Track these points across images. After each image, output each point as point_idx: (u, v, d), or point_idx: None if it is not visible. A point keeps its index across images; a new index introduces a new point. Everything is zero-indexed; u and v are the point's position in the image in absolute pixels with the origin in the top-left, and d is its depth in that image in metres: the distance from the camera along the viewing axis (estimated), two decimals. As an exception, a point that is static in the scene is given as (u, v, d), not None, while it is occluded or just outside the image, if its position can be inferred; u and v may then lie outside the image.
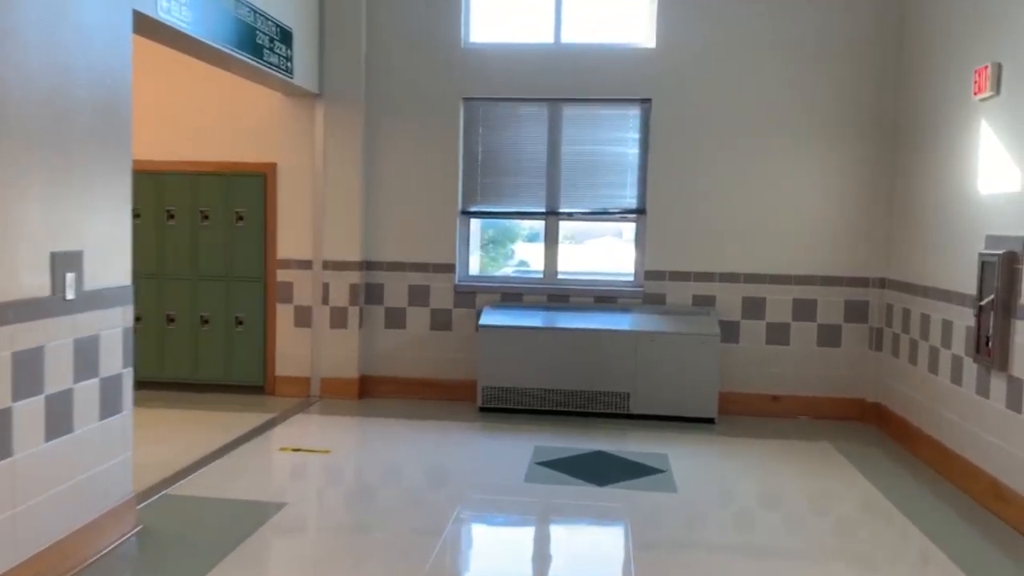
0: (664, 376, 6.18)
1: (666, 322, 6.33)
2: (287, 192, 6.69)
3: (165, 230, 6.74)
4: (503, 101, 6.68)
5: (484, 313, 6.49)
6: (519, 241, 7.70)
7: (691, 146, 6.49)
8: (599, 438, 5.71)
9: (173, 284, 6.75)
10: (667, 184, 6.52)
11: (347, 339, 6.68)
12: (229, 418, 5.99)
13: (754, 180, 6.46)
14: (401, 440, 5.62)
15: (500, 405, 6.31)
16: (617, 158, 6.63)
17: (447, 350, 6.74)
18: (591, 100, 6.61)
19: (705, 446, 5.67)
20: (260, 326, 6.73)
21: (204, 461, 4.92)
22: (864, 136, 6.34)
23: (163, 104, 6.71)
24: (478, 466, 5.15)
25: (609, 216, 6.73)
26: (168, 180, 6.72)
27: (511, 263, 7.65)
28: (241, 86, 6.41)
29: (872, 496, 4.73)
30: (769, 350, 6.52)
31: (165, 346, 6.78)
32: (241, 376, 6.76)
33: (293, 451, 5.20)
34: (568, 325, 6.33)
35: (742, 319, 6.53)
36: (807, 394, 6.50)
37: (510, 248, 7.82)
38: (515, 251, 7.80)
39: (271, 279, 6.72)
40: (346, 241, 6.66)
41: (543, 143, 6.66)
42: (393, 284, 6.79)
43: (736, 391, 6.50)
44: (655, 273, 6.59)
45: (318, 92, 6.57)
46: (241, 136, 6.69)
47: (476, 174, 6.75)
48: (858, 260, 6.42)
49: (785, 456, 5.46)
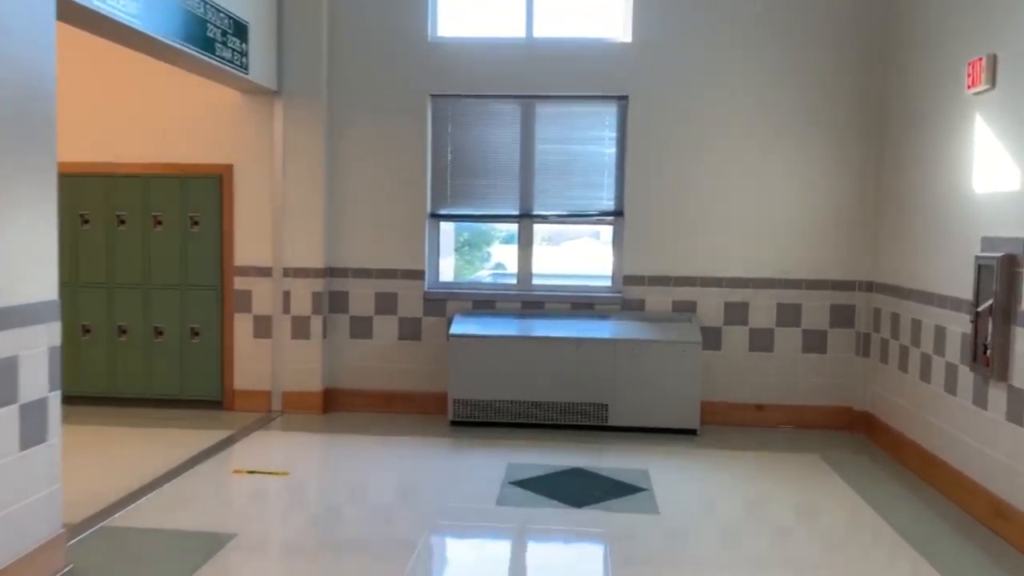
0: (644, 386, 5.89)
1: (645, 329, 6.04)
2: (245, 195, 6.33)
3: (115, 236, 6.35)
4: (473, 98, 6.35)
5: (455, 321, 6.16)
6: (495, 244, 7.43)
7: (670, 145, 6.21)
8: (576, 453, 5.40)
9: (124, 293, 6.36)
10: (645, 185, 6.23)
11: (310, 350, 6.33)
12: (182, 437, 5.62)
13: (736, 180, 6.19)
14: (366, 459, 5.27)
15: (472, 419, 5.99)
16: (593, 158, 6.33)
17: (416, 361, 6.40)
18: (565, 97, 6.30)
19: (688, 460, 5.38)
20: (217, 337, 6.36)
21: (150, 487, 4.55)
22: (851, 134, 6.09)
23: (112, 102, 6.32)
24: (447, 488, 4.81)
25: (585, 219, 6.43)
26: (118, 183, 6.33)
27: (488, 266, 7.39)
28: (196, 83, 6.04)
29: (863, 512, 4.46)
30: (752, 357, 6.25)
31: (116, 360, 6.38)
32: (197, 391, 6.38)
33: (248, 473, 4.85)
34: (543, 333, 6.01)
35: (724, 325, 6.25)
36: (792, 402, 6.24)
37: (486, 251, 7.56)
38: (491, 254, 7.54)
39: (228, 287, 6.35)
40: (308, 246, 6.30)
41: (516, 142, 6.35)
42: (359, 292, 6.44)
43: (719, 400, 6.22)
44: (634, 278, 6.30)
45: (277, 89, 6.21)
46: (196, 136, 6.32)
47: (445, 175, 6.42)
48: (844, 262, 6.17)
49: (772, 469, 5.18)
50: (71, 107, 6.33)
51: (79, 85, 6.33)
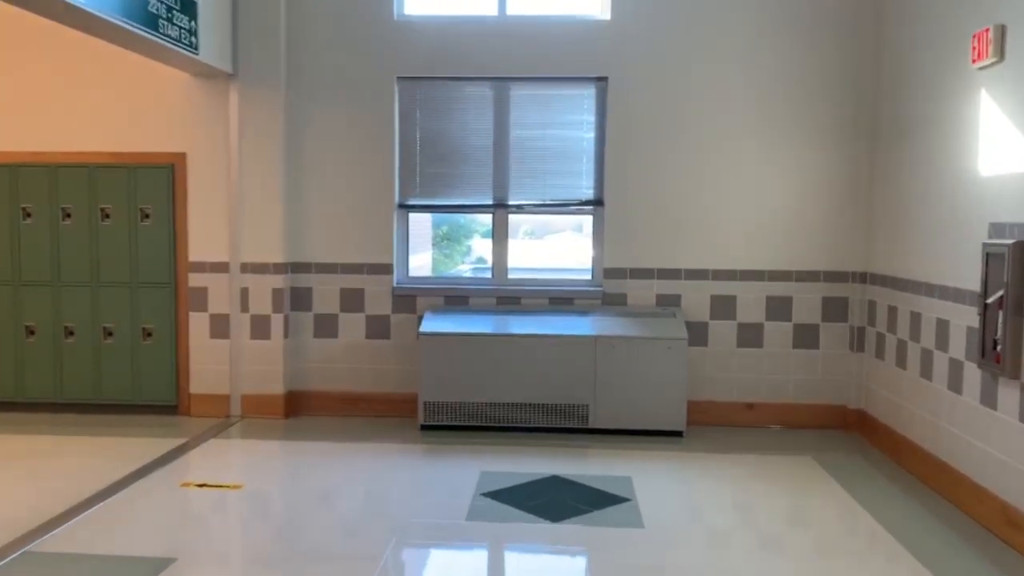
0: (626, 386, 5.53)
1: (627, 325, 5.68)
2: (199, 186, 5.90)
3: (60, 231, 5.91)
4: (443, 81, 5.96)
5: (425, 319, 5.78)
6: (476, 237, 7.07)
7: (653, 129, 5.84)
8: (554, 459, 5.04)
9: (70, 292, 5.93)
10: (627, 172, 5.87)
11: (271, 351, 5.92)
12: (131, 446, 5.21)
13: (722, 166, 5.83)
14: (328, 469, 4.88)
15: (444, 422, 5.61)
16: (571, 144, 5.95)
17: (385, 361, 6.01)
18: (541, 79, 5.92)
19: (674, 465, 5.02)
20: (171, 338, 5.94)
21: (86, 504, 4.14)
22: (845, 114, 5.74)
23: (55, 87, 5.88)
24: (414, 501, 4.43)
25: (564, 208, 6.05)
26: (62, 174, 5.89)
27: (468, 260, 7.03)
28: (145, 66, 5.63)
29: (861, 519, 4.14)
30: (741, 354, 5.90)
31: (63, 363, 5.95)
32: (151, 395, 5.96)
33: (198, 487, 4.45)
34: (519, 331, 5.64)
35: (711, 320, 5.90)
36: (783, 401, 5.90)
37: (466, 245, 7.20)
38: (472, 248, 7.19)
39: (182, 284, 5.93)
40: (267, 240, 5.89)
41: (489, 127, 5.96)
42: (323, 288, 6.04)
43: (706, 400, 5.88)
44: (615, 271, 5.93)
45: (231, 72, 5.79)
46: (145, 123, 5.89)
47: (414, 163, 6.02)
48: (837, 253, 5.83)
49: (764, 474, 4.84)
50: (10, 93, 5.91)
51: (18, 69, 5.89)
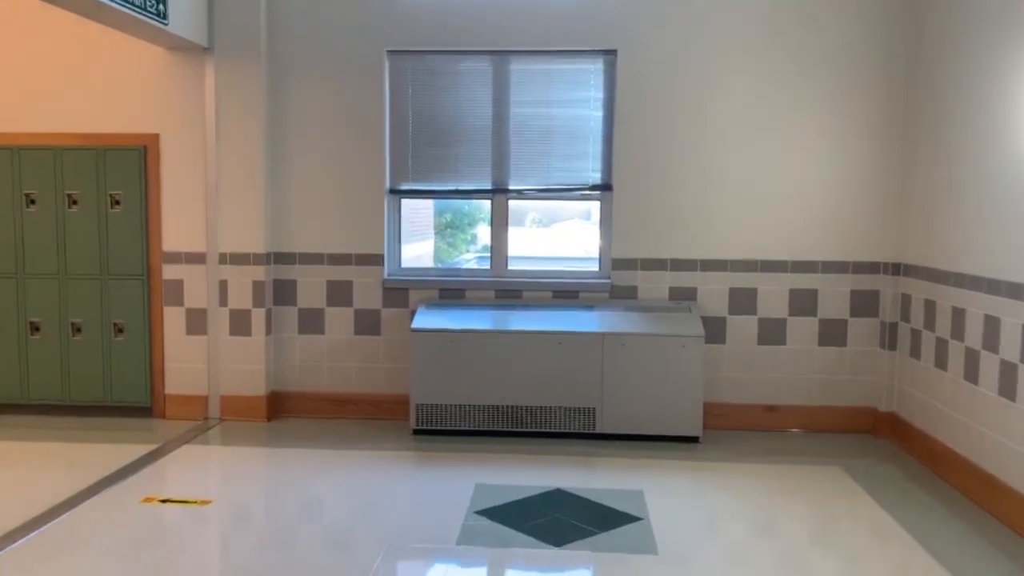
0: (637, 387, 5.06)
1: (638, 321, 5.20)
2: (173, 169, 5.44)
3: (24, 218, 5.47)
4: (437, 54, 5.47)
5: (418, 314, 5.31)
6: (481, 224, 6.65)
7: (667, 107, 5.35)
8: (557, 469, 4.58)
9: (36, 284, 5.49)
10: (638, 154, 5.38)
11: (252, 348, 5.47)
12: (95, 453, 4.78)
13: (742, 147, 5.34)
14: (308, 481, 4.43)
15: (438, 426, 5.15)
16: (577, 123, 5.46)
17: (375, 359, 5.56)
18: (544, 52, 5.43)
19: (689, 476, 4.55)
20: (144, 334, 5.50)
21: (31, 525, 3.70)
22: (877, 84, 5.23)
23: (16, 64, 5.42)
24: (399, 520, 3.96)
25: (568, 194, 5.57)
26: (26, 156, 5.44)
27: (473, 249, 6.59)
28: (113, 40, 5.18)
29: (900, 539, 3.68)
30: (762, 351, 5.42)
31: (29, 361, 5.52)
32: (123, 395, 5.52)
33: (161, 503, 4.01)
34: (520, 327, 5.17)
35: (729, 315, 5.42)
36: (807, 403, 5.42)
37: (471, 233, 6.76)
38: (477, 236, 6.76)
39: (156, 276, 5.48)
40: (247, 229, 5.43)
41: (487, 106, 5.48)
42: (308, 280, 5.58)
43: (724, 401, 5.41)
44: (624, 262, 5.45)
45: (207, 46, 5.32)
46: (115, 102, 5.43)
47: (407, 145, 5.55)
48: (867, 241, 5.33)
49: (789, 487, 4.37)
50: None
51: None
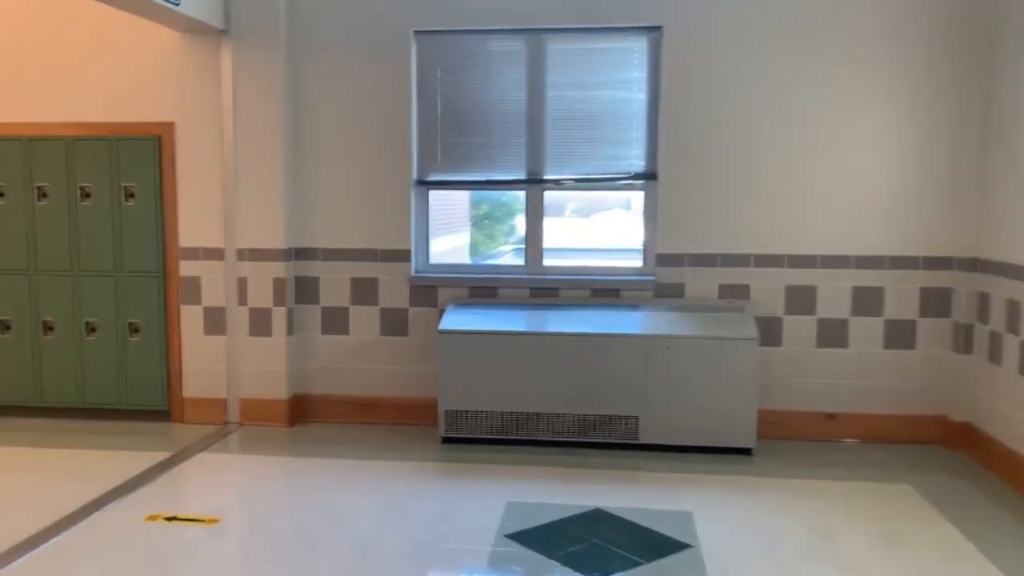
0: (684, 394, 4.65)
1: (685, 322, 4.79)
2: (189, 160, 5.15)
3: (36, 212, 5.22)
4: (467, 34, 5.09)
5: (447, 313, 4.96)
6: (520, 215, 6.34)
7: (716, 88, 4.90)
8: (597, 485, 4.19)
9: (49, 282, 5.25)
10: (685, 140, 4.95)
11: (272, 349, 5.17)
12: (108, 461, 4.51)
13: (800, 131, 4.87)
14: (326, 496, 4.10)
15: (468, 434, 4.80)
16: (618, 107, 5.05)
17: (402, 361, 5.22)
18: (583, 30, 5.02)
19: (742, 494, 4.13)
20: (161, 334, 5.22)
21: (23, 547, 3.42)
22: (950, 62, 4.73)
23: (22, 49, 5.17)
24: (420, 546, 3.57)
25: (609, 184, 5.16)
26: (37, 148, 5.19)
27: (512, 240, 6.26)
28: (124, 23, 4.90)
29: (984, 573, 3.23)
30: (821, 355, 4.97)
31: (43, 362, 5.28)
32: (139, 399, 5.26)
33: (165, 521, 3.71)
34: (556, 328, 4.79)
35: (786, 315, 4.97)
36: (871, 411, 4.96)
37: (509, 224, 6.43)
38: (515, 227, 6.45)
39: (172, 273, 5.20)
40: (267, 222, 5.12)
41: (521, 89, 5.08)
42: (331, 277, 5.26)
43: (779, 409, 4.97)
44: (670, 257, 5.03)
45: (223, 28, 5.00)
46: (127, 88, 5.14)
47: (435, 133, 5.18)
48: (939, 235, 4.84)
49: (854, 508, 3.93)
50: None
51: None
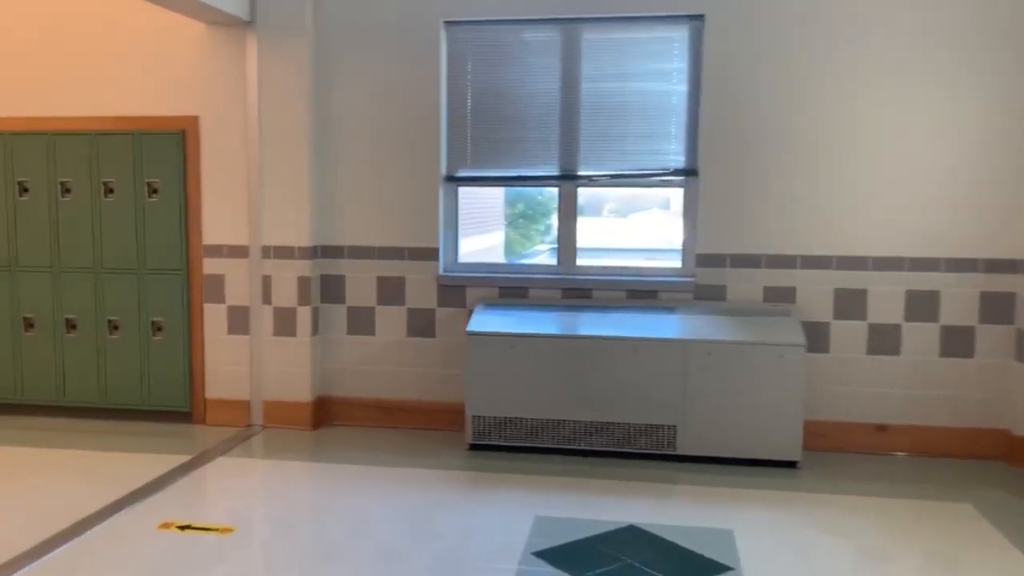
0: (725, 402, 4.40)
1: (727, 326, 4.53)
2: (213, 155, 5.02)
3: (59, 208, 5.13)
4: (500, 24, 4.89)
5: (475, 314, 4.76)
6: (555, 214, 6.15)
7: (762, 79, 4.64)
8: (631, 499, 3.96)
9: (72, 279, 5.15)
10: (727, 134, 4.69)
11: (297, 350, 5.01)
12: (126, 464, 4.39)
13: (850, 124, 4.59)
14: (347, 505, 3.92)
15: (496, 441, 4.60)
16: (657, 99, 4.81)
17: (429, 363, 5.03)
18: (620, 19, 4.79)
19: (787, 511, 3.87)
20: (184, 333, 5.10)
21: (32, 555, 3.29)
22: (1016, 51, 4.42)
23: (46, 43, 5.07)
24: (445, 564, 3.39)
25: (646, 180, 4.92)
26: (61, 143, 5.09)
27: (548, 240, 6.07)
28: (148, 13, 4.79)
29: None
30: (872, 362, 4.68)
31: (65, 360, 5.19)
32: (161, 399, 5.14)
33: (179, 530, 3.56)
34: (590, 331, 4.57)
35: (834, 320, 4.69)
36: (926, 423, 4.66)
37: (545, 222, 6.24)
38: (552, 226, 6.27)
39: (195, 271, 5.07)
40: (292, 219, 4.97)
41: (555, 81, 4.87)
42: (357, 276, 5.09)
43: (826, 420, 4.69)
44: (711, 257, 4.78)
45: (249, 19, 4.86)
46: (151, 81, 5.03)
47: (465, 127, 4.99)
48: (1001, 235, 4.53)
49: (908, 527, 3.65)
50: (2, 52, 5.16)
51: (7, 25, 5.12)
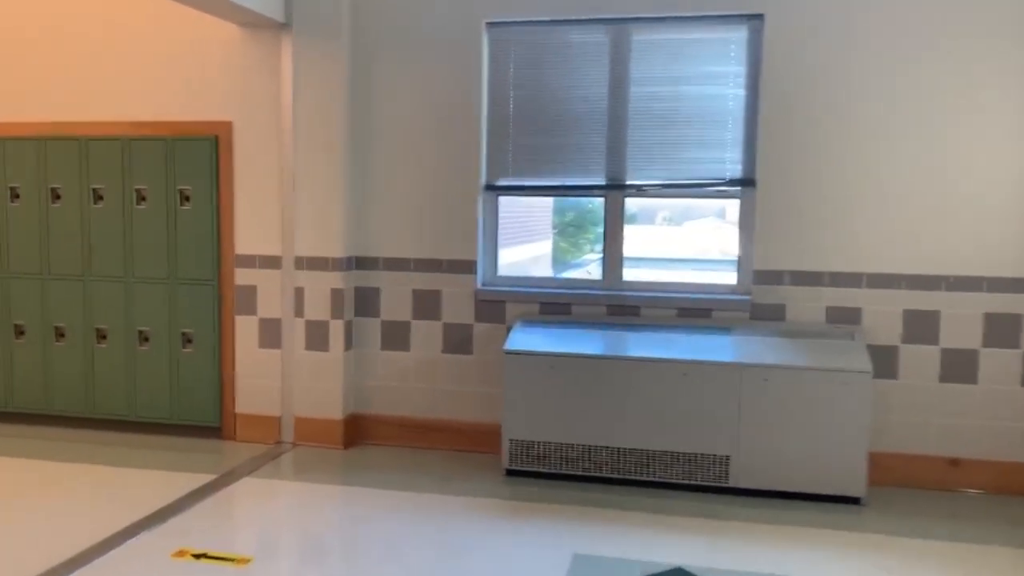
0: (783, 431, 4.06)
1: (786, 349, 4.19)
2: (247, 162, 4.85)
3: (91, 215, 5.01)
4: (545, 25, 4.64)
5: (514, 331, 4.50)
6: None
7: (826, 84, 4.30)
8: (679, 537, 3.65)
9: (102, 288, 5.02)
10: (789, 141, 4.36)
11: (329, 365, 4.81)
12: (150, 482, 4.22)
13: (926, 132, 4.23)
14: (373, 535, 3.68)
15: (534, 467, 4.32)
16: (712, 104, 4.50)
17: (466, 382, 4.79)
18: (673, 19, 4.49)
19: (851, 555, 3.52)
20: (214, 346, 4.93)
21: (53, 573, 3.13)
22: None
23: (79, 46, 4.96)
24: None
25: (700, 190, 4.61)
26: (94, 148, 4.97)
27: (598, 250, 5.82)
28: (180, 15, 4.65)
29: None
30: (945, 391, 4.30)
31: (95, 372, 5.06)
32: (190, 413, 4.98)
33: (193, 559, 3.36)
34: (636, 352, 4.27)
35: (903, 344, 4.32)
36: (1002, 457, 4.26)
37: (595, 232, 5.99)
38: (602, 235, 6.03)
39: (227, 282, 4.91)
40: (326, 229, 4.77)
41: (603, 85, 4.59)
42: (392, 289, 4.87)
43: (893, 452, 4.32)
44: (769, 274, 4.45)
45: (284, 21, 4.68)
46: (183, 85, 4.88)
47: (507, 133, 4.74)
48: (1094, 254, 4.13)
49: (983, 574, 3.29)
50: (34, 55, 5.06)
51: (41, 29, 5.03)
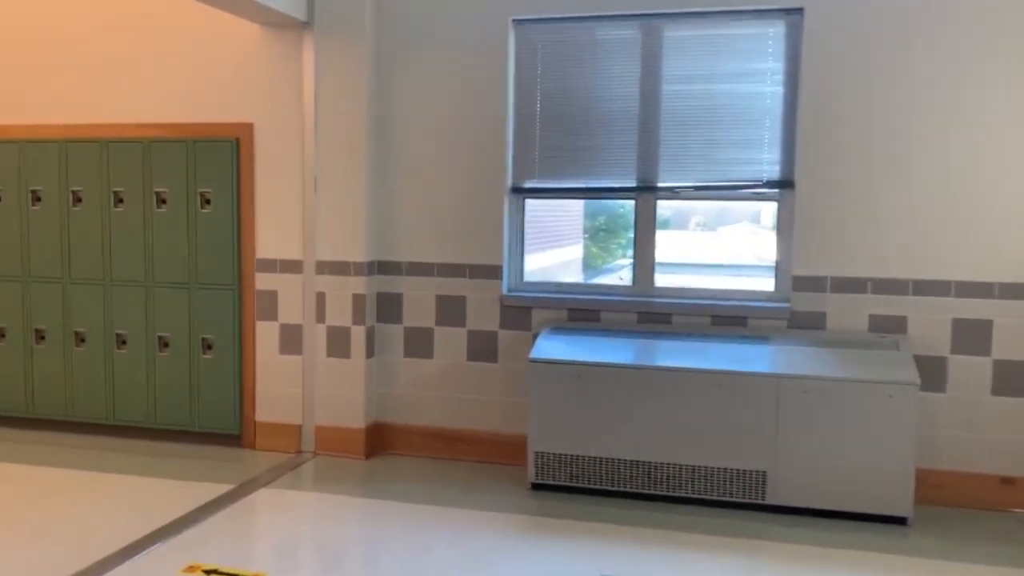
0: (823, 446, 3.85)
1: (827, 359, 3.98)
2: (268, 164, 4.75)
3: (112, 219, 4.93)
4: (573, 22, 4.48)
5: (540, 339, 4.33)
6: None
7: (869, 81, 4.09)
8: (713, 557, 3.45)
9: (123, 293, 4.94)
10: (829, 142, 4.16)
11: (350, 372, 4.68)
12: (166, 492, 4.11)
13: (973, 131, 4.00)
14: (391, 552, 3.53)
15: (560, 481, 4.15)
16: (748, 103, 4.31)
17: (491, 391, 4.63)
18: (707, 14, 4.31)
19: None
20: (234, 352, 4.83)
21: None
22: None
23: (98, 47, 4.90)
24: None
25: (736, 192, 4.42)
26: (115, 150, 4.90)
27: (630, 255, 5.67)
28: (201, 15, 4.57)
29: None
30: (997, 404, 4.06)
31: (115, 377, 4.98)
32: (210, 421, 4.88)
33: (205, 574, 3.23)
34: (668, 362, 4.08)
35: (952, 354, 4.09)
36: (1061, 476, 4.01)
37: (627, 236, 5.83)
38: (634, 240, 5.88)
39: (248, 287, 4.80)
40: (347, 233, 4.65)
41: (634, 83, 4.42)
42: (415, 294, 4.73)
43: (942, 469, 4.08)
44: (809, 280, 4.24)
45: (306, 20, 4.57)
46: (204, 85, 4.79)
47: (533, 134, 4.58)
48: None
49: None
50: (56, 56, 5.01)
51: (65, 30, 4.97)
